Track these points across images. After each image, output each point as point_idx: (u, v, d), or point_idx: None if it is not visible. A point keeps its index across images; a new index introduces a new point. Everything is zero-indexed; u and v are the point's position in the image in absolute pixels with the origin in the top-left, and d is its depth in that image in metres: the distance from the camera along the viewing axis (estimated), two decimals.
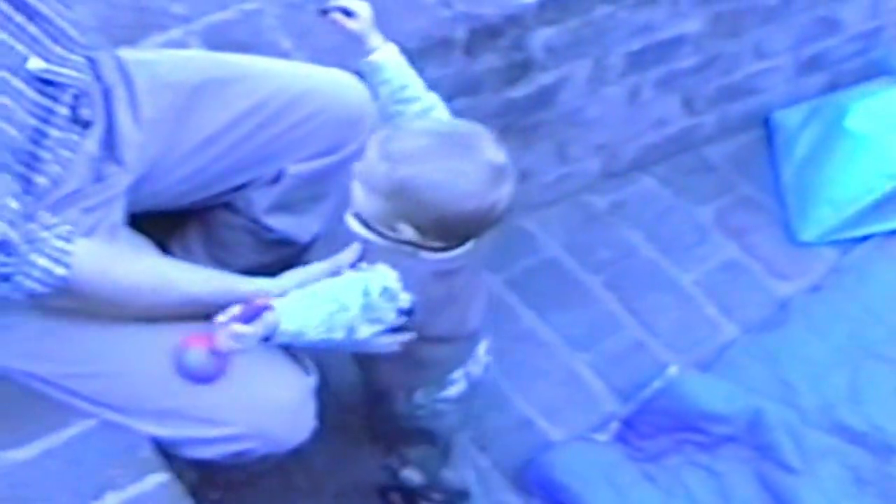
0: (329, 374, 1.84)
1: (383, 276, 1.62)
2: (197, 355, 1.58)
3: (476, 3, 2.21)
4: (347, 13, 1.75)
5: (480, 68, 2.27)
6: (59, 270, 1.50)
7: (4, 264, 1.46)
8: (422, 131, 1.63)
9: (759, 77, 2.79)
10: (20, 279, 1.48)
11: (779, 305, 2.58)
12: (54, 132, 1.58)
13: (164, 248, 1.89)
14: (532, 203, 2.63)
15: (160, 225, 1.92)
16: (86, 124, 1.63)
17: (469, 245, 1.68)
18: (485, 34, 2.22)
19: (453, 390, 1.85)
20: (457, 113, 2.29)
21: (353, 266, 1.66)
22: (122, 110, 1.72)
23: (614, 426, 2.36)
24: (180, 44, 2.08)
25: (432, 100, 1.77)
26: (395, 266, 1.63)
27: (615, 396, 2.41)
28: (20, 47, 1.51)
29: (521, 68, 2.35)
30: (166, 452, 1.73)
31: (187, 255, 1.94)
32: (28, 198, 1.51)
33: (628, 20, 2.42)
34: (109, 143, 1.68)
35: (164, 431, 1.66)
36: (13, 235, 1.45)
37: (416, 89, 1.75)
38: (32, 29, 1.53)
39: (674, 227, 2.69)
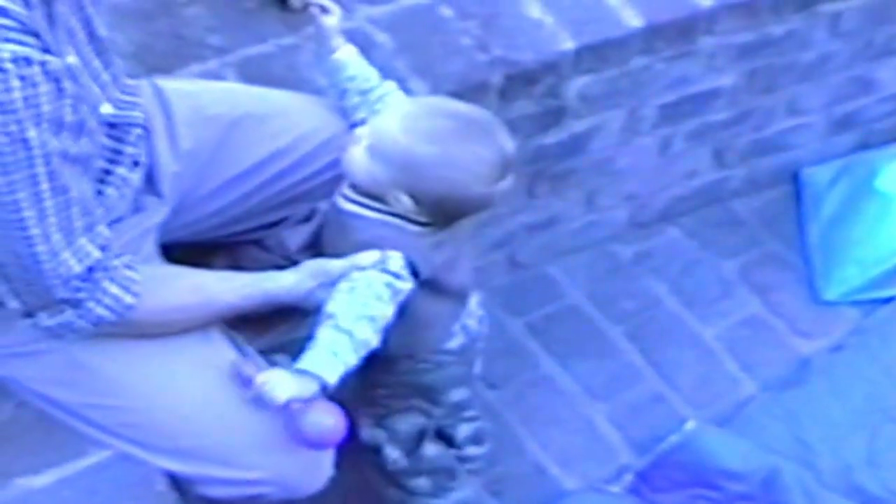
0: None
1: (395, 261, 1.65)
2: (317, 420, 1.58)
3: (513, 48, 2.21)
4: (324, 10, 1.87)
5: (514, 114, 2.26)
6: (128, 299, 1.51)
7: (79, 289, 1.46)
8: (446, 112, 1.68)
9: (791, 133, 2.78)
10: (91, 305, 1.48)
11: (800, 364, 2.56)
12: (120, 170, 1.61)
13: None
14: (558, 249, 2.63)
15: (187, 256, 1.89)
16: (137, 161, 1.65)
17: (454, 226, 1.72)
18: (520, 80, 2.22)
19: (454, 343, 1.86)
20: None
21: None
22: (161, 141, 1.73)
23: (628, 478, 2.34)
24: (216, 75, 2.07)
25: (390, 86, 1.86)
26: (393, 244, 1.66)
27: (631, 448, 2.39)
28: (97, 91, 1.54)
29: (555, 115, 2.35)
30: (180, 487, 1.72)
31: None
32: None
33: (664, 72, 2.41)
34: (149, 175, 1.69)
35: (182, 468, 1.65)
36: (96, 261, 1.47)
37: (375, 79, 1.85)
38: (105, 76, 1.56)
39: (698, 281, 2.68)
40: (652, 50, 2.35)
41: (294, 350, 1.61)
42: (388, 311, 1.63)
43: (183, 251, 1.87)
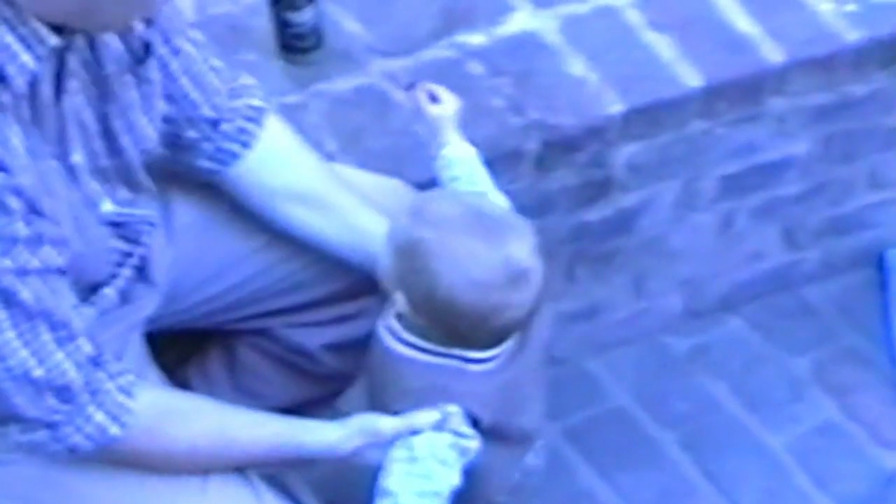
0: None
1: (457, 418, 1.64)
2: None
3: (552, 111, 2.22)
4: (434, 98, 1.88)
5: (553, 185, 2.27)
6: (114, 430, 1.50)
7: (56, 411, 1.46)
8: (460, 201, 1.68)
9: (873, 210, 2.77)
10: (68, 431, 1.48)
11: (884, 480, 2.53)
12: (125, 272, 1.64)
13: (181, 374, 1.89)
14: (600, 343, 2.62)
15: (176, 347, 1.92)
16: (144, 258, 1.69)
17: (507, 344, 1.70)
18: (560, 147, 2.23)
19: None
20: None
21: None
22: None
23: None
24: None
25: (499, 199, 1.85)
26: (451, 393, 1.64)
27: None
28: (96, 188, 1.56)
29: (600, 188, 2.35)
30: None
31: (208, 384, 1.94)
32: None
33: (726, 138, 2.42)
34: (141, 260, 1.70)
35: None
36: (77, 381, 1.46)
37: (483, 187, 1.84)
38: (113, 173, 1.59)
39: (763, 380, 2.66)
40: (712, 113, 2.35)
41: None
42: (454, 479, 1.63)
43: (172, 341, 1.87)
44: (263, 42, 2.23)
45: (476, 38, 2.28)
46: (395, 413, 1.65)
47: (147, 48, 1.56)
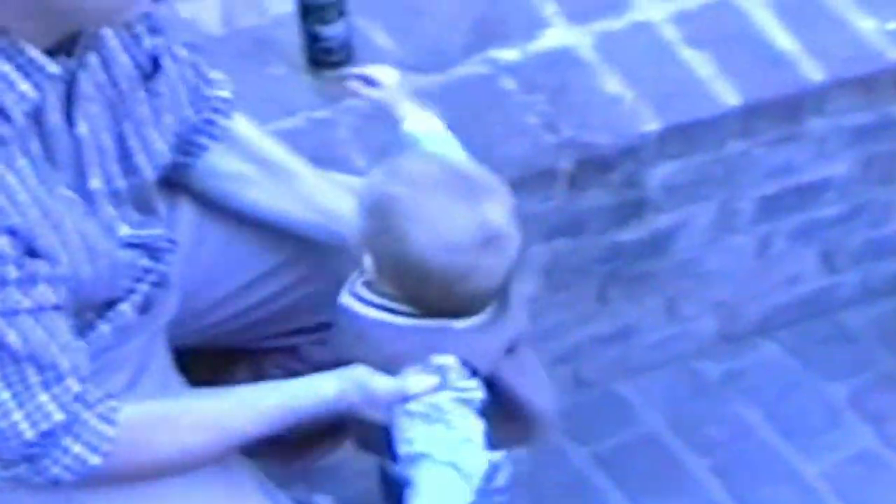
0: None
1: (454, 373, 1.58)
2: None
3: (586, 129, 2.20)
4: (370, 81, 1.82)
5: (586, 205, 2.25)
6: (94, 460, 1.48)
7: (32, 445, 1.45)
8: (436, 160, 1.63)
9: None
10: (46, 464, 1.46)
11: None
12: (143, 286, 1.63)
13: None
14: (632, 367, 2.60)
15: (204, 365, 1.90)
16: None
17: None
18: (594, 166, 2.21)
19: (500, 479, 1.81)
20: (556, 255, 2.32)
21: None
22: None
23: None
24: None
25: None
26: (441, 349, 1.59)
27: None
28: (112, 212, 1.55)
29: (634, 208, 2.33)
30: None
31: None
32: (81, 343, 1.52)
33: (764, 159, 2.39)
34: (160, 276, 1.69)
35: None
36: (60, 420, 1.45)
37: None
38: (127, 196, 1.58)
39: (799, 407, 2.63)
40: (750, 132, 2.33)
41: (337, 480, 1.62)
42: (478, 425, 1.57)
43: (199, 359, 1.86)
44: (292, 56, 2.22)
45: (509, 54, 2.26)
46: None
47: (156, 62, 1.55)
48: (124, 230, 1.56)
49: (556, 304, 2.41)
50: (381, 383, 1.57)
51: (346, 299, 1.65)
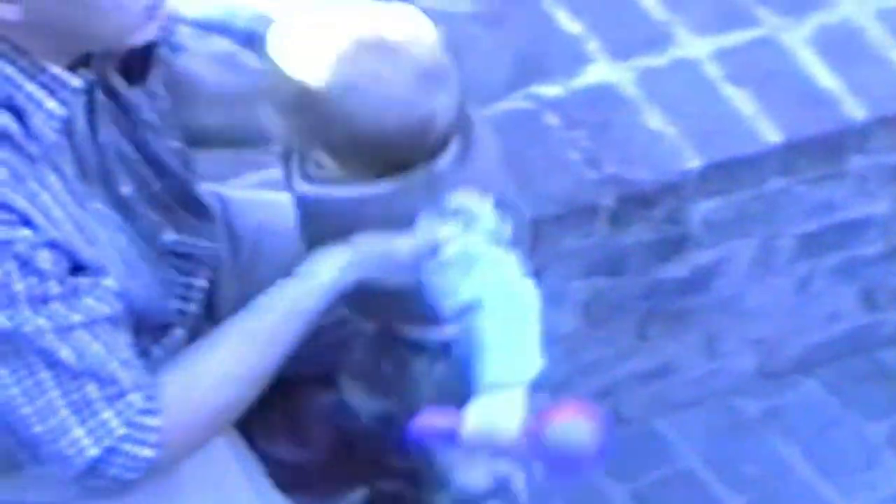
0: None
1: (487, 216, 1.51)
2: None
3: (628, 166, 2.20)
4: None
5: (627, 241, 2.25)
6: (147, 453, 1.45)
7: (96, 461, 1.44)
8: (339, 32, 1.50)
9: None
10: (104, 470, 1.45)
11: None
12: (192, 307, 1.60)
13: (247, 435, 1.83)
14: (670, 402, 2.59)
15: None
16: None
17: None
18: (635, 202, 2.21)
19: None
20: (597, 291, 2.32)
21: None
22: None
23: None
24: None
25: None
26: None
27: None
28: (156, 218, 1.54)
29: (674, 244, 2.33)
30: None
31: (267, 431, 1.86)
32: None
33: (805, 196, 2.39)
34: (208, 297, 1.68)
35: None
36: (123, 435, 1.44)
37: None
38: (168, 200, 1.56)
39: (838, 445, 2.61)
40: (792, 170, 2.33)
41: None
42: (514, 257, 1.50)
43: None
44: None
45: (552, 90, 2.26)
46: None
47: (145, 62, 1.53)
48: (169, 235, 1.54)
49: (596, 340, 2.41)
50: (403, 243, 1.51)
51: (306, 188, 1.56)
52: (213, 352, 1.52)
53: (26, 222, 1.33)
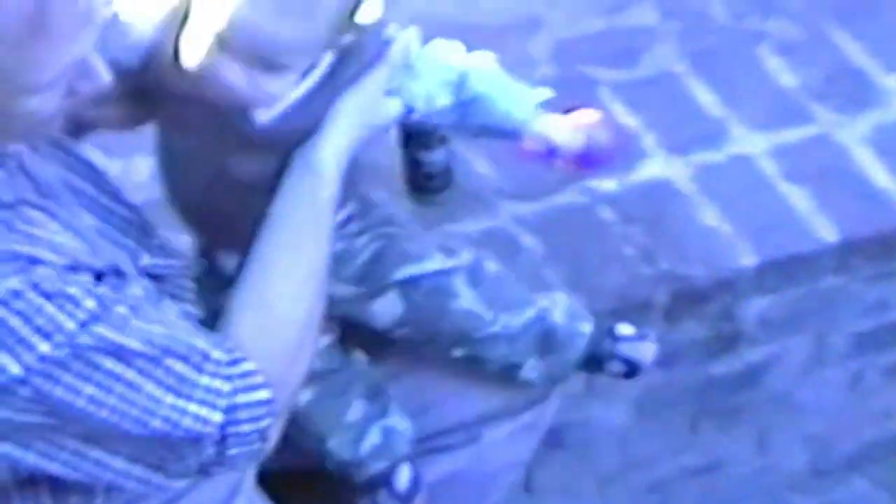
0: None
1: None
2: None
3: (683, 262, 2.19)
4: None
5: (681, 337, 2.24)
6: (262, 394, 1.45)
7: (225, 425, 1.43)
8: None
9: None
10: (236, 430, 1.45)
11: None
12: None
13: None
14: (722, 499, 2.56)
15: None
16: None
17: None
18: (690, 299, 2.20)
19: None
20: (648, 388, 2.31)
21: None
22: None
23: None
24: None
25: None
26: None
27: None
28: (130, 243, 1.53)
29: (728, 341, 2.31)
30: None
31: None
32: None
33: (860, 295, 2.37)
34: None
35: None
36: (230, 391, 1.43)
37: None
38: (134, 226, 1.57)
39: None
40: (847, 268, 2.31)
41: None
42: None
43: None
44: (391, 180, 2.21)
45: (607, 184, 2.25)
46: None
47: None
48: (146, 260, 1.53)
49: (647, 435, 2.39)
50: (370, 82, 1.54)
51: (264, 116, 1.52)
52: (262, 277, 1.52)
53: (36, 262, 1.32)
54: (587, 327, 1.85)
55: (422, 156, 2.17)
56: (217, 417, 1.41)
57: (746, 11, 2.60)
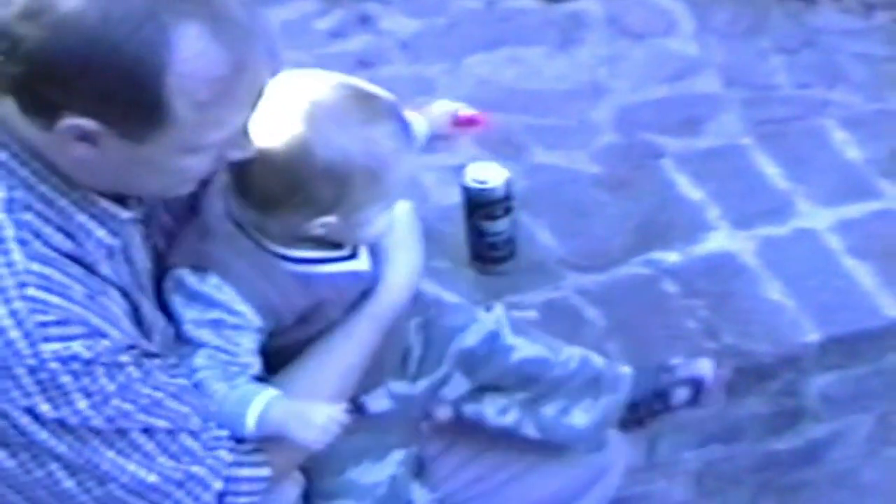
0: None
1: None
2: None
3: (747, 336, 2.19)
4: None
5: (743, 413, 2.23)
6: (264, 472, 1.51)
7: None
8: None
9: None
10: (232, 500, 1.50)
11: None
12: None
13: None
14: None
15: None
16: None
17: None
18: (753, 374, 2.19)
19: None
20: (710, 463, 2.29)
21: None
22: None
23: None
24: None
25: None
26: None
27: None
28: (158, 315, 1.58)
29: (791, 417, 2.30)
30: None
31: None
32: None
33: None
34: None
35: None
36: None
37: None
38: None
39: None
40: None
41: None
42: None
43: None
44: (454, 249, 2.23)
45: (671, 257, 2.26)
46: None
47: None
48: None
49: None
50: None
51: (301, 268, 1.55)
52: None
53: (103, 335, 1.37)
54: (627, 369, 1.88)
55: (486, 225, 2.18)
56: (217, 485, 1.47)
57: (811, 81, 2.61)
